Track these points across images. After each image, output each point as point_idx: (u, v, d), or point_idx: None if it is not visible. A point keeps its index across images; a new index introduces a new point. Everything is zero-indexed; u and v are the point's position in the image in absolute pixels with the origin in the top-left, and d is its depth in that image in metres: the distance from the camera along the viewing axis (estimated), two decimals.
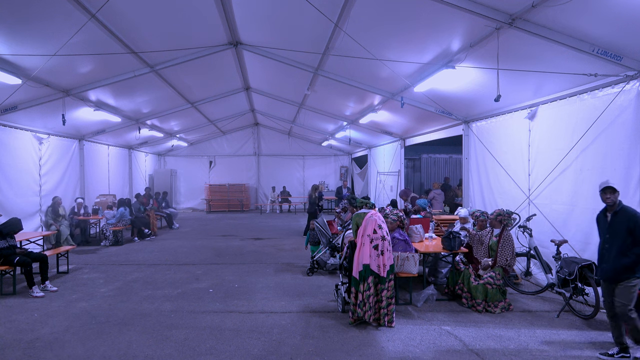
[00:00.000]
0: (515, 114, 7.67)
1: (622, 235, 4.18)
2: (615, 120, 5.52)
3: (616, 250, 4.22)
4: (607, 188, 4.27)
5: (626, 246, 4.15)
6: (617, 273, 4.22)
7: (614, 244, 4.25)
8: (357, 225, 5.49)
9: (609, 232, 4.33)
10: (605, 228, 4.40)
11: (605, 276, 4.38)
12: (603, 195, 4.31)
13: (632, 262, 4.11)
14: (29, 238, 8.05)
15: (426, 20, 5.81)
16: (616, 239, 4.24)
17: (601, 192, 4.33)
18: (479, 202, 8.88)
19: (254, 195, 20.67)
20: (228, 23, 7.34)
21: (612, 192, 4.26)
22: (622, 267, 4.16)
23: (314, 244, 8.39)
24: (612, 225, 4.31)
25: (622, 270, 4.18)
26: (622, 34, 4.68)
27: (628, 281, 4.18)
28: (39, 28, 6.03)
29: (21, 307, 6.05)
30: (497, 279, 5.84)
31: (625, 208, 4.28)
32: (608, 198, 4.28)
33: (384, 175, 15.44)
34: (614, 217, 4.29)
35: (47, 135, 10.43)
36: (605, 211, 4.43)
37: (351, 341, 4.81)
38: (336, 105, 12.22)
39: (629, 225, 4.14)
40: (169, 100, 11.59)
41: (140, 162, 17.63)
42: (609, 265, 4.30)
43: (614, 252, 4.24)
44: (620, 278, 4.22)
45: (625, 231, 4.16)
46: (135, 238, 11.90)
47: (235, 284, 7.24)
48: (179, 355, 4.46)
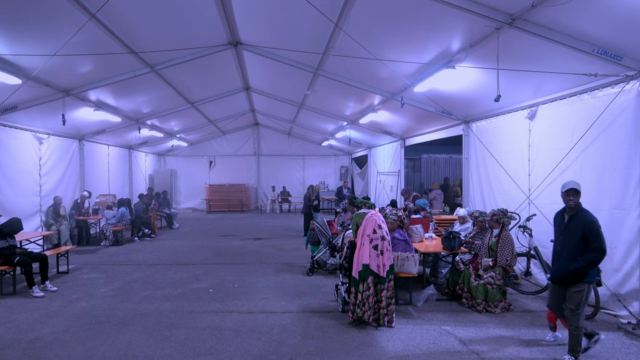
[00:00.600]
0: (515, 114, 7.67)
1: (576, 239, 4.09)
2: (615, 120, 5.51)
3: (568, 254, 4.14)
4: (572, 190, 4.16)
5: (578, 251, 4.07)
6: (567, 277, 4.14)
7: (567, 246, 4.18)
8: (357, 225, 5.49)
9: (564, 234, 4.25)
10: (560, 229, 4.33)
11: (554, 278, 4.32)
12: (566, 197, 4.20)
13: (581, 267, 4.02)
14: (29, 238, 8.06)
15: (426, 20, 5.80)
16: (570, 242, 4.15)
17: (565, 193, 4.22)
18: (479, 202, 8.88)
19: (254, 195, 20.67)
20: (228, 23, 7.34)
21: (575, 194, 4.16)
22: (572, 271, 4.07)
23: (314, 244, 8.39)
24: (567, 228, 4.22)
25: (572, 275, 4.09)
26: (622, 34, 4.67)
27: (577, 286, 4.11)
28: (39, 28, 6.03)
29: (21, 307, 6.05)
30: (497, 279, 5.84)
31: (583, 212, 4.18)
32: (571, 200, 4.18)
33: (384, 175, 15.44)
34: (571, 219, 4.20)
35: (47, 135, 10.42)
36: (564, 212, 4.34)
37: (351, 341, 4.81)
38: (336, 105, 12.22)
39: (584, 231, 4.04)
40: (169, 100, 11.59)
41: (140, 162, 17.63)
42: (559, 268, 4.23)
43: (565, 255, 4.16)
44: (569, 282, 4.15)
45: (579, 236, 4.06)
46: (136, 238, 11.91)
47: (235, 284, 7.24)
48: (179, 355, 4.46)
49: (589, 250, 4.02)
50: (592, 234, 4.01)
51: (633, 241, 5.24)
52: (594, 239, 4.00)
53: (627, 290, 5.34)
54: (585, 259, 4.02)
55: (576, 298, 4.11)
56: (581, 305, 4.11)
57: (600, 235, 4.02)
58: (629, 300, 5.30)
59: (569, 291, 4.16)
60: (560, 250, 4.26)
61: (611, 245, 5.55)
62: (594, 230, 4.02)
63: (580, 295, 4.11)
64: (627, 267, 5.32)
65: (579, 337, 4.14)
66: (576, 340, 4.14)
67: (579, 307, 4.11)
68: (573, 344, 4.18)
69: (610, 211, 5.59)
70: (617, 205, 5.49)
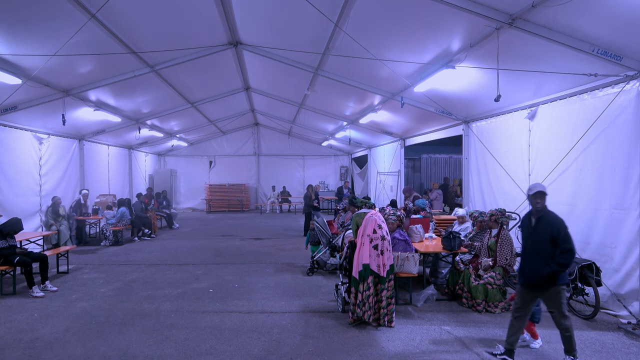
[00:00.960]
0: (515, 114, 7.67)
1: (545, 242, 4.04)
2: (615, 120, 5.51)
3: (538, 258, 4.08)
4: (539, 193, 4.12)
5: (547, 254, 4.03)
6: (538, 281, 4.10)
7: (536, 250, 4.13)
8: (357, 225, 5.49)
9: (532, 237, 4.20)
10: (528, 233, 4.27)
11: (525, 282, 4.27)
12: (534, 200, 4.14)
13: (554, 271, 3.98)
14: (29, 238, 8.06)
15: (426, 20, 5.80)
16: (538, 245, 4.10)
17: (532, 196, 4.15)
18: (479, 202, 8.88)
19: (254, 195, 20.67)
20: (228, 23, 7.34)
21: (542, 196, 4.13)
22: (543, 276, 4.02)
23: (314, 244, 8.39)
24: (535, 231, 4.16)
25: (544, 280, 4.05)
26: (622, 34, 4.67)
27: (553, 290, 4.08)
28: (39, 28, 6.03)
29: (21, 307, 6.05)
30: (497, 279, 5.84)
31: (549, 214, 4.14)
32: (538, 203, 4.13)
33: (384, 175, 15.44)
34: (538, 222, 4.16)
35: (47, 135, 10.42)
36: (531, 215, 4.29)
37: (351, 341, 4.81)
38: (336, 105, 12.22)
39: (552, 233, 4.00)
40: (169, 100, 11.59)
41: (140, 162, 17.64)
42: (531, 272, 4.17)
43: (535, 260, 4.11)
44: (542, 287, 4.11)
45: (547, 239, 4.02)
46: (136, 238, 11.91)
47: (235, 284, 7.24)
48: (179, 355, 4.46)
49: (559, 252, 3.99)
50: (561, 236, 3.98)
51: (633, 241, 5.23)
52: (563, 241, 3.97)
53: (627, 290, 5.34)
54: (556, 261, 3.98)
55: (557, 301, 4.10)
56: (563, 306, 4.09)
57: (568, 236, 4.01)
58: (629, 300, 5.30)
59: (547, 297, 4.13)
60: (531, 254, 4.20)
61: (611, 245, 5.57)
62: (562, 231, 3.99)
63: (559, 297, 4.09)
64: (627, 267, 5.32)
65: (571, 337, 4.10)
66: (569, 340, 4.11)
67: (562, 308, 4.08)
68: (568, 345, 4.14)
69: (610, 211, 5.59)
70: (617, 205, 5.49)
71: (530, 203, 4.24)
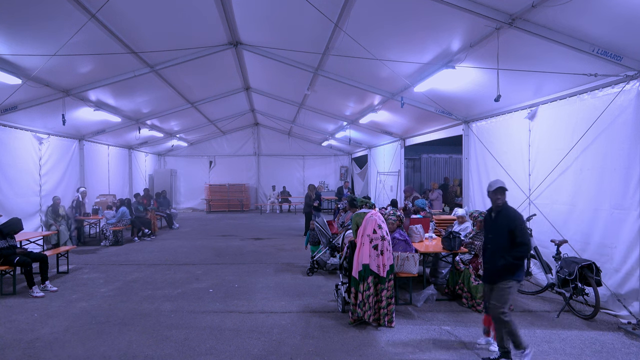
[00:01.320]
0: (515, 114, 7.67)
1: (504, 235, 4.09)
2: (615, 120, 5.51)
3: (496, 251, 4.15)
4: (500, 189, 4.17)
5: (505, 248, 4.07)
6: (495, 274, 4.14)
7: (495, 244, 4.18)
8: (357, 225, 5.49)
9: (492, 232, 4.26)
10: (488, 227, 4.33)
11: (484, 276, 4.31)
12: (494, 196, 4.19)
13: (509, 264, 4.02)
14: (29, 238, 8.06)
15: (426, 20, 5.80)
16: (498, 239, 4.16)
17: (492, 192, 4.20)
18: (479, 202, 8.87)
19: (254, 195, 20.67)
20: (228, 23, 7.34)
21: (502, 192, 4.18)
22: (500, 268, 4.08)
23: (314, 244, 8.39)
24: (495, 225, 4.23)
25: (500, 272, 4.09)
26: (622, 34, 4.67)
27: (504, 283, 4.10)
28: (39, 28, 6.02)
29: (21, 307, 6.05)
30: None
31: (508, 208, 4.19)
32: (499, 198, 4.18)
33: (384, 175, 15.44)
34: (497, 216, 4.22)
35: (47, 135, 10.42)
36: (491, 211, 4.35)
37: (351, 341, 4.81)
38: (336, 105, 12.22)
39: (509, 226, 4.06)
40: (169, 100, 11.59)
41: (140, 162, 17.64)
42: (488, 265, 4.23)
43: (493, 252, 4.17)
44: (497, 279, 4.14)
45: (506, 232, 4.08)
46: (136, 238, 11.91)
47: (235, 284, 7.24)
48: (179, 355, 4.46)
49: (515, 245, 4.04)
50: (517, 230, 4.03)
51: (633, 241, 5.23)
52: (519, 235, 4.02)
53: (627, 290, 5.34)
54: (512, 254, 4.03)
55: (501, 294, 4.10)
56: (506, 302, 4.09)
57: (525, 231, 4.08)
58: (629, 300, 5.30)
59: (496, 288, 4.15)
60: (491, 247, 4.25)
61: (611, 245, 5.57)
62: (518, 225, 4.05)
63: (506, 292, 4.09)
64: (627, 267, 5.33)
65: (514, 331, 4.08)
66: (514, 335, 4.09)
67: (503, 304, 4.08)
68: (515, 341, 4.12)
69: (610, 211, 5.60)
70: (617, 205, 5.49)
71: (491, 199, 4.27)
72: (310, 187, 12.51)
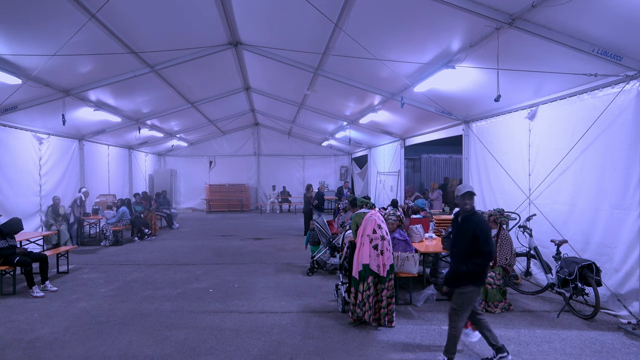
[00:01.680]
0: (515, 114, 7.67)
1: (468, 241, 4.05)
2: (615, 120, 5.51)
3: (459, 256, 4.12)
4: (468, 193, 4.13)
5: (467, 254, 4.05)
6: (455, 279, 4.12)
7: (460, 248, 4.15)
8: (357, 225, 5.50)
9: (458, 236, 4.22)
10: (455, 231, 4.30)
11: (447, 279, 4.28)
12: (462, 201, 4.14)
13: (469, 270, 4.00)
14: (29, 238, 8.06)
15: (426, 20, 5.80)
16: (463, 243, 4.12)
17: (461, 197, 4.14)
18: (479, 202, 8.87)
19: (254, 195, 20.67)
20: (228, 23, 7.34)
21: (471, 197, 4.14)
22: (460, 273, 4.06)
23: (314, 244, 8.39)
24: (461, 230, 4.18)
25: (460, 277, 4.08)
26: (622, 34, 4.67)
27: (463, 287, 4.08)
28: (39, 28, 6.03)
29: (21, 307, 6.05)
30: (497, 279, 5.84)
31: (476, 214, 4.16)
32: (467, 204, 4.14)
33: (384, 175, 15.45)
34: (464, 221, 4.17)
35: (47, 135, 10.43)
36: (458, 214, 4.32)
37: (351, 341, 4.81)
38: (336, 105, 12.22)
39: (474, 231, 4.02)
40: (169, 100, 11.59)
41: (140, 162, 17.64)
42: (451, 268, 4.20)
43: (457, 257, 4.15)
44: (457, 284, 4.12)
45: (470, 237, 4.04)
46: (136, 238, 11.91)
47: (235, 284, 7.24)
48: (179, 355, 4.46)
49: (477, 253, 4.01)
50: (481, 237, 3.99)
51: (633, 241, 5.23)
52: (483, 243, 3.99)
53: (627, 290, 5.34)
54: (473, 261, 4.01)
55: (460, 299, 4.09)
56: (464, 306, 4.08)
57: (489, 238, 4.04)
58: (629, 300, 5.31)
59: (457, 292, 4.14)
60: (456, 251, 4.23)
61: (611, 245, 5.57)
62: (483, 233, 4.01)
63: (464, 297, 4.08)
64: (627, 267, 5.33)
65: (455, 339, 4.09)
66: (452, 341, 4.10)
67: (461, 308, 4.07)
68: (449, 344, 4.13)
69: (610, 211, 5.60)
70: (617, 205, 5.49)
71: (459, 204, 4.22)
72: (308, 187, 12.53)
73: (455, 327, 4.10)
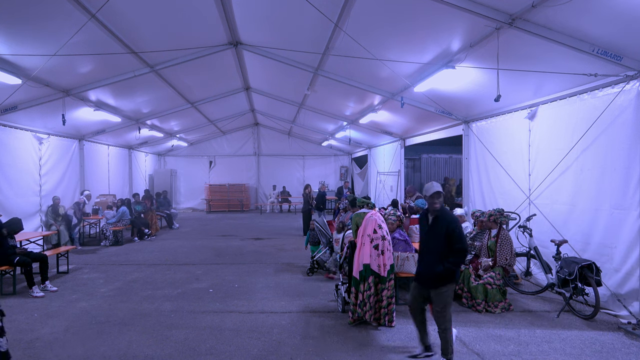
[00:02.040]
0: (515, 114, 7.67)
1: (441, 239, 4.04)
2: (615, 120, 5.51)
3: (433, 256, 4.09)
4: (437, 193, 4.10)
5: (443, 253, 4.04)
6: (432, 280, 4.09)
7: (433, 247, 4.13)
8: (357, 225, 5.49)
9: (429, 235, 4.19)
10: (425, 231, 4.26)
11: (420, 279, 4.25)
12: (431, 200, 4.11)
13: (446, 270, 3.99)
14: (29, 238, 8.06)
15: (426, 20, 5.80)
16: (435, 243, 4.11)
17: (430, 197, 4.11)
18: (479, 202, 8.88)
19: (254, 195, 20.68)
20: (228, 23, 7.34)
21: (439, 196, 4.12)
22: (437, 274, 4.02)
23: (314, 244, 8.39)
24: (432, 229, 4.16)
25: (437, 278, 4.04)
26: (622, 34, 4.67)
27: (441, 288, 4.06)
28: (39, 28, 6.03)
29: (21, 307, 6.05)
30: (497, 279, 5.84)
31: (445, 212, 4.14)
32: (436, 203, 4.11)
33: (384, 175, 15.45)
34: (435, 220, 4.15)
35: (47, 135, 10.43)
36: (427, 212, 4.29)
37: (351, 341, 4.81)
38: (336, 105, 12.22)
39: (447, 229, 4.01)
40: (169, 100, 11.59)
41: (140, 162, 17.64)
42: (425, 269, 4.16)
43: (431, 257, 4.11)
44: (434, 284, 4.09)
45: (443, 236, 4.03)
46: (136, 238, 11.91)
47: (235, 284, 7.24)
48: (179, 355, 4.46)
49: (452, 251, 4.01)
50: (455, 235, 3.99)
51: (633, 241, 5.23)
52: (456, 240, 3.99)
53: (627, 290, 5.34)
54: (450, 261, 4.01)
55: (442, 299, 4.08)
56: (447, 306, 4.08)
57: (462, 236, 4.04)
58: (629, 300, 5.31)
59: (435, 293, 4.10)
60: (427, 251, 4.20)
61: (611, 245, 5.57)
62: (456, 230, 4.01)
63: (445, 296, 4.07)
64: (627, 267, 5.33)
65: (448, 338, 4.08)
66: (446, 341, 4.08)
67: (445, 308, 4.07)
68: (444, 346, 4.10)
69: (610, 211, 5.60)
70: (617, 205, 5.49)
71: (428, 203, 4.20)
72: (306, 186, 12.56)
73: (445, 328, 4.08)
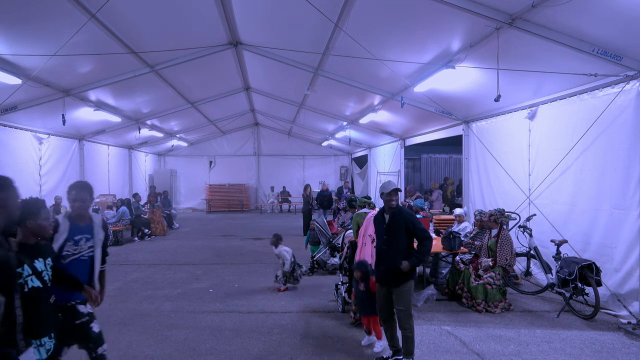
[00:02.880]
0: (515, 114, 7.67)
1: (400, 236, 4.03)
2: (615, 120, 5.51)
3: (393, 253, 4.04)
4: (394, 190, 4.10)
5: (405, 249, 4.03)
6: (394, 277, 4.05)
7: (392, 246, 4.08)
8: (358, 225, 5.49)
9: (387, 233, 4.14)
10: (383, 230, 4.19)
11: (382, 279, 4.21)
12: (389, 197, 4.08)
13: (418, 260, 3.99)
14: None
15: (426, 20, 5.80)
16: (394, 240, 4.07)
17: (387, 194, 4.08)
18: (479, 202, 8.87)
19: (254, 195, 20.68)
20: (228, 23, 7.34)
21: (396, 194, 4.11)
22: (398, 271, 3.98)
23: (314, 244, 8.39)
24: (390, 226, 4.11)
25: (399, 274, 4.01)
26: (622, 34, 4.67)
27: (404, 285, 4.04)
28: (39, 28, 6.03)
29: None
30: (497, 279, 5.84)
31: (400, 208, 4.13)
32: (393, 201, 4.10)
33: (384, 175, 15.44)
34: (392, 217, 4.11)
35: (47, 135, 10.43)
36: (383, 211, 4.24)
37: (351, 341, 4.80)
38: (336, 105, 12.22)
39: (407, 225, 4.00)
40: (169, 100, 11.59)
41: (140, 162, 17.65)
42: (387, 266, 4.10)
43: (391, 255, 4.05)
44: (396, 282, 4.05)
45: (403, 232, 4.01)
46: (136, 238, 11.91)
47: (235, 284, 7.24)
48: (179, 355, 4.46)
49: (420, 242, 4.05)
50: (417, 227, 4.02)
51: (633, 241, 5.23)
52: (420, 231, 4.02)
53: (627, 290, 5.34)
54: (419, 251, 4.03)
55: (406, 297, 4.05)
56: (410, 303, 4.07)
57: (423, 226, 4.09)
58: (629, 300, 5.30)
59: (398, 292, 4.06)
60: (386, 249, 4.14)
61: (611, 245, 5.57)
62: (416, 223, 4.04)
63: (407, 294, 4.06)
64: (627, 267, 5.32)
65: (412, 338, 4.05)
66: (411, 341, 4.05)
67: (409, 306, 4.06)
68: (409, 346, 4.06)
69: (610, 211, 5.59)
70: (617, 205, 5.49)
71: (385, 201, 4.17)
72: (305, 187, 12.57)
73: (410, 328, 4.03)
